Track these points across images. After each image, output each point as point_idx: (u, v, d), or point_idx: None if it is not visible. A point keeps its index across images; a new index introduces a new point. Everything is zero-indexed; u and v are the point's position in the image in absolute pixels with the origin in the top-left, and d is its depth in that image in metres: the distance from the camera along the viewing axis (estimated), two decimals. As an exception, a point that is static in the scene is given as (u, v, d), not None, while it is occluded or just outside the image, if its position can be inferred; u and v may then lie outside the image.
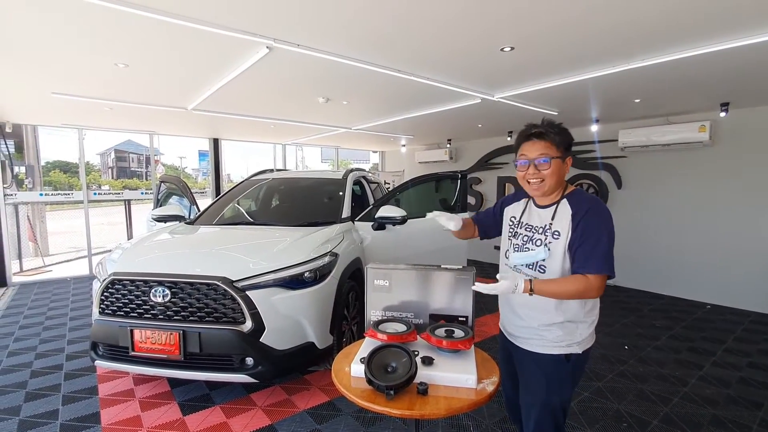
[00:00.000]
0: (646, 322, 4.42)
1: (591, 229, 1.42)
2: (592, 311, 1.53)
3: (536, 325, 1.53)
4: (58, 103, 4.64)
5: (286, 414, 2.62)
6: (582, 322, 1.51)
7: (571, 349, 1.49)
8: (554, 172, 1.47)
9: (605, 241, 1.40)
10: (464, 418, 2.57)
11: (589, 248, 1.40)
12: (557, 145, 1.47)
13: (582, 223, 1.43)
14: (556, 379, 1.51)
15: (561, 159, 1.48)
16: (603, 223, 1.43)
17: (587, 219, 1.43)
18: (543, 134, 1.48)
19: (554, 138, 1.48)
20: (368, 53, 3.02)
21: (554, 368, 1.51)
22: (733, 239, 4.89)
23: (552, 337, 1.50)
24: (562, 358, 1.50)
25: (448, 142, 8.29)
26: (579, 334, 1.50)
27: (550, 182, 1.49)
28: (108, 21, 2.47)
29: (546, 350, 1.51)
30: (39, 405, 2.73)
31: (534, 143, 1.49)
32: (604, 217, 1.44)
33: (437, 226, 1.81)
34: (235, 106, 4.92)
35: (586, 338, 1.52)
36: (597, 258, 1.38)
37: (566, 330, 1.50)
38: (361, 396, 1.33)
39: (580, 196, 1.52)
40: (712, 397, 2.86)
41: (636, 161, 5.69)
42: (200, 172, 32.20)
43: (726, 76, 3.49)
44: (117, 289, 2.60)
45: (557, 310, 1.49)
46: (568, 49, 2.90)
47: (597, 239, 1.40)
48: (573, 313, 1.49)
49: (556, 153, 1.47)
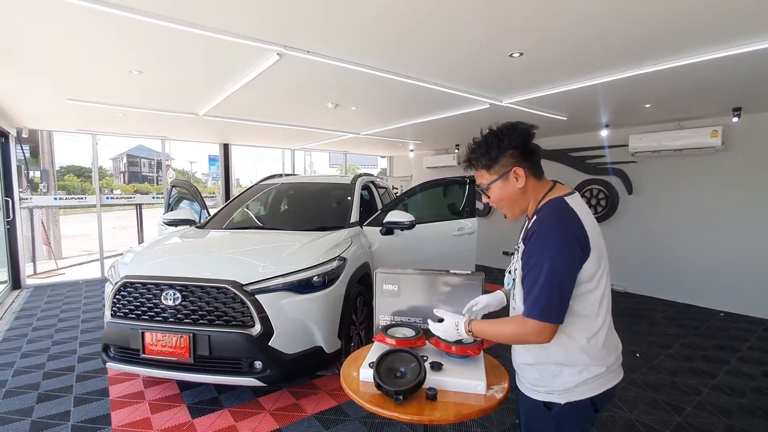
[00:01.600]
0: (658, 329, 4.35)
1: (531, 257, 1.16)
2: (580, 351, 1.19)
3: (517, 359, 1.35)
4: (73, 109, 4.74)
5: (294, 418, 2.62)
6: (568, 366, 1.20)
7: (552, 397, 1.23)
8: (499, 197, 1.28)
9: (543, 275, 1.11)
10: (473, 425, 2.55)
11: (530, 284, 1.15)
12: (487, 168, 1.27)
13: (526, 251, 1.18)
14: (535, 428, 1.31)
15: (500, 179, 1.26)
16: (548, 251, 1.13)
17: (531, 245, 1.16)
18: (470, 163, 1.32)
19: (479, 162, 1.28)
20: (377, 60, 3.05)
21: (533, 413, 1.30)
22: (747, 246, 4.80)
23: (530, 378, 1.29)
24: (540, 404, 1.26)
25: (456, 147, 8.29)
26: (562, 381, 1.21)
27: (505, 207, 1.31)
28: (121, 29, 2.53)
29: (525, 390, 1.32)
30: (51, 406, 2.77)
31: (474, 172, 1.33)
32: (550, 243, 1.13)
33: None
34: (246, 111, 4.98)
35: (573, 387, 1.20)
36: (534, 299, 1.13)
37: (543, 374, 1.25)
38: (370, 401, 1.33)
39: (544, 210, 1.21)
40: (726, 406, 2.80)
41: (647, 167, 5.63)
42: (210, 177, 32.58)
43: (738, 81, 3.46)
44: (129, 292, 2.64)
45: (524, 349, 1.28)
46: (577, 54, 2.90)
47: (537, 273, 1.13)
48: (549, 354, 1.22)
49: (489, 178, 1.28)
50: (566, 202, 1.21)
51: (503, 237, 7.14)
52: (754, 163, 4.71)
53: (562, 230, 1.15)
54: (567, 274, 1.13)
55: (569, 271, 1.13)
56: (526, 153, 1.24)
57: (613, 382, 1.24)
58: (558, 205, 1.20)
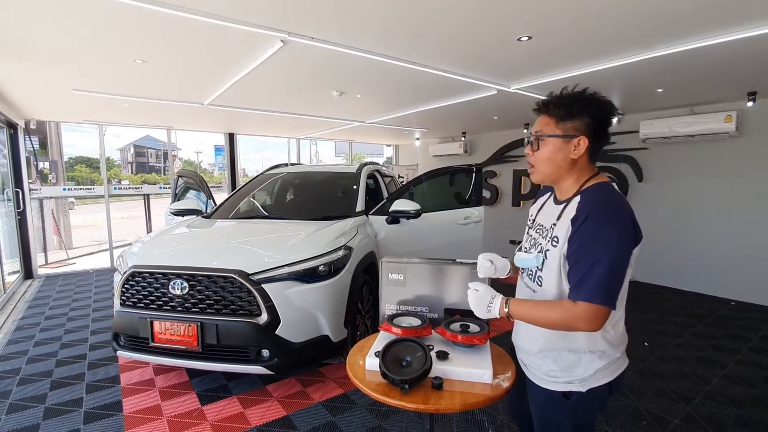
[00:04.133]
0: (667, 318, 4.31)
1: (588, 243, 1.10)
2: (602, 339, 1.19)
3: (536, 350, 1.28)
4: (79, 99, 4.74)
5: (301, 405, 2.65)
6: (587, 354, 1.20)
7: (572, 386, 1.21)
8: (547, 155, 1.20)
9: (605, 262, 1.06)
10: (479, 413, 2.55)
11: (584, 269, 1.09)
12: (560, 120, 1.17)
13: (579, 234, 1.11)
14: (550, 418, 1.29)
15: (562, 138, 1.17)
16: (605, 236, 1.08)
17: (586, 228, 1.10)
18: (545, 105, 1.22)
19: (555, 111, 1.18)
20: (382, 46, 2.99)
21: (549, 405, 1.27)
22: (759, 234, 4.71)
23: (545, 369, 1.26)
24: (558, 395, 1.23)
25: (463, 135, 8.20)
26: (582, 370, 1.20)
27: (541, 169, 1.23)
28: (125, 18, 2.50)
29: (541, 382, 1.29)
30: (64, 393, 2.82)
31: (538, 118, 1.25)
32: (609, 228, 1.09)
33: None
34: (250, 100, 4.95)
35: (592, 374, 1.20)
36: (589, 282, 1.08)
37: (561, 364, 1.22)
38: (376, 389, 1.33)
39: (595, 192, 1.17)
40: (737, 396, 2.77)
41: (658, 153, 5.52)
42: (216, 167, 32.72)
43: (754, 63, 3.34)
44: (137, 282, 2.66)
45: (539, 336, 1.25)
46: (587, 37, 2.82)
47: (596, 256, 1.07)
48: (570, 342, 1.20)
49: (554, 130, 1.18)
50: (616, 188, 1.21)
51: (510, 226, 7.09)
52: (770, 149, 4.60)
53: (622, 215, 1.11)
54: (625, 259, 1.10)
55: (626, 257, 1.11)
56: (599, 131, 1.18)
57: (625, 365, 1.27)
58: (612, 190, 1.18)
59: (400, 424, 2.44)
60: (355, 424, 2.45)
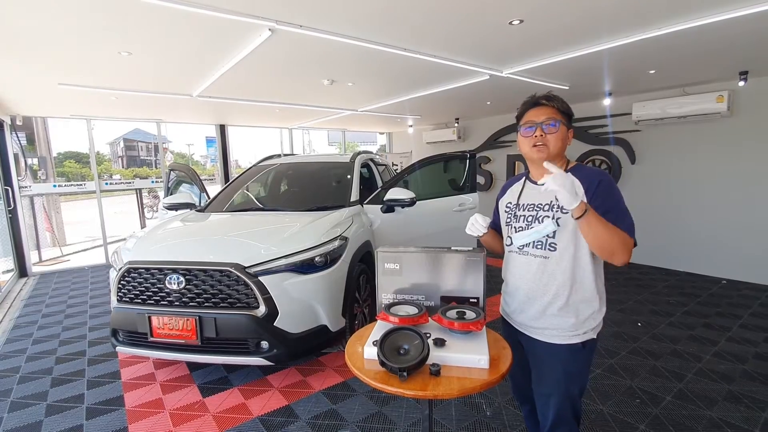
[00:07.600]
0: (660, 298, 4.39)
1: (611, 201, 1.40)
2: (602, 286, 1.51)
3: (555, 309, 1.46)
4: (64, 94, 4.65)
5: (302, 395, 2.68)
6: (597, 301, 1.48)
7: (588, 335, 1.48)
8: (560, 136, 1.48)
9: (627, 211, 1.40)
10: (477, 397, 2.60)
11: (617, 215, 1.37)
12: (562, 113, 1.50)
13: (599, 193, 1.41)
14: (575, 368, 1.49)
15: (566, 126, 1.50)
16: (619, 194, 1.43)
17: (603, 190, 1.41)
18: (551, 99, 1.51)
19: (560, 105, 1.51)
20: (371, 31, 2.95)
21: (572, 358, 1.48)
22: (750, 212, 4.77)
23: (566, 326, 1.47)
24: (579, 346, 1.47)
25: (456, 121, 8.16)
26: (593, 318, 1.48)
27: (555, 145, 1.48)
28: (107, 9, 2.44)
29: (562, 340, 1.48)
30: (65, 390, 2.84)
31: (540, 109, 1.51)
32: (615, 188, 1.45)
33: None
34: (240, 91, 4.88)
35: (599, 322, 1.51)
36: (625, 222, 1.36)
37: (579, 317, 1.47)
38: (375, 378, 1.34)
39: (586, 170, 1.50)
40: (728, 372, 2.84)
41: (650, 135, 5.54)
42: (208, 159, 32.38)
43: (745, 43, 3.34)
44: (133, 278, 2.65)
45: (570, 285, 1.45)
46: (579, 19, 2.79)
47: (621, 210, 1.39)
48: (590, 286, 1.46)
49: (562, 119, 1.49)
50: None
51: (505, 211, 7.11)
52: (761, 128, 4.62)
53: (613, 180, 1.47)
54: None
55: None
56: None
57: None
58: (594, 167, 1.61)
59: (399, 410, 2.49)
60: (355, 411, 2.49)
